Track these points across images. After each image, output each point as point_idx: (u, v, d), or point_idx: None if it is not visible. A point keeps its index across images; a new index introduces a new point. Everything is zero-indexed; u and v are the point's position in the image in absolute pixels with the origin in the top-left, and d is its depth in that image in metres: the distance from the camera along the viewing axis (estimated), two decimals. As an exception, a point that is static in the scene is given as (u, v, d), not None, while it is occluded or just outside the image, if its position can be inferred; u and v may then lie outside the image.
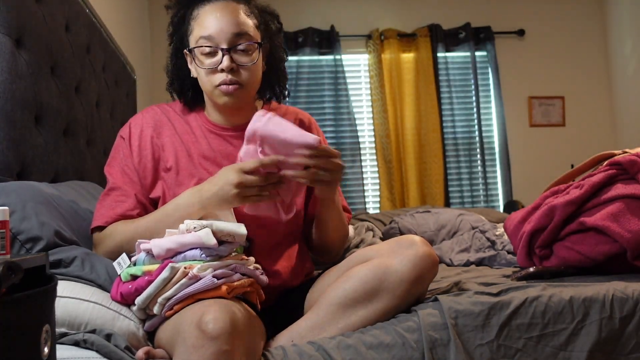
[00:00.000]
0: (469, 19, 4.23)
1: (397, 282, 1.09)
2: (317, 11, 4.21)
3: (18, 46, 1.33)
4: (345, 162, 4.06)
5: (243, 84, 1.20)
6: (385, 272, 1.10)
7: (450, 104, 4.18)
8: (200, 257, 1.05)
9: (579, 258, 1.47)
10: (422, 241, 1.14)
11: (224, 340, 0.84)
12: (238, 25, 1.18)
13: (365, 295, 1.10)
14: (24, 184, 1.19)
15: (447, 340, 1.08)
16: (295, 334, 1.10)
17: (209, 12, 1.19)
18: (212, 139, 1.27)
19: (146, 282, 1.03)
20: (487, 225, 2.44)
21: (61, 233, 1.12)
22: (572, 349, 1.12)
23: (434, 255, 1.13)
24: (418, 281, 1.11)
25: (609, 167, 1.53)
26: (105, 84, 2.09)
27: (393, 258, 1.11)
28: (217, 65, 1.18)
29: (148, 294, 1.02)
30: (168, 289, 1.02)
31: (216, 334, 0.84)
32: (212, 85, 1.20)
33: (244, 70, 1.20)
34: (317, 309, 1.12)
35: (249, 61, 1.20)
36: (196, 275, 1.01)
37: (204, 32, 1.18)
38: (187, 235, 1.05)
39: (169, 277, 1.01)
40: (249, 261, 1.13)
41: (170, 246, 1.05)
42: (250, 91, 1.25)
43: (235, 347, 0.86)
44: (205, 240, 1.04)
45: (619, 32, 4.23)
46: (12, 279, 0.65)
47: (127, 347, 0.97)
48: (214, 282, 1.01)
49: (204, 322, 0.86)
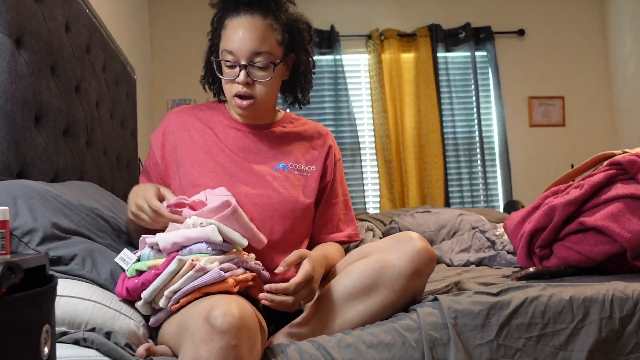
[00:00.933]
0: (469, 19, 4.23)
1: (395, 276, 1.10)
2: (317, 11, 4.21)
3: (18, 46, 1.33)
4: (345, 162, 4.07)
5: (256, 98, 1.28)
6: (383, 267, 1.11)
7: (450, 104, 4.18)
8: (206, 251, 1.06)
9: (578, 258, 1.48)
10: (419, 237, 1.15)
11: (233, 335, 0.85)
12: (258, 43, 1.25)
13: (364, 290, 1.11)
14: (14, 182, 1.18)
15: (447, 340, 1.08)
16: (295, 329, 1.11)
17: (235, 26, 1.26)
18: (231, 133, 1.35)
19: (153, 275, 1.03)
20: (487, 225, 2.44)
21: (58, 224, 1.12)
22: (572, 349, 1.12)
23: (431, 251, 1.14)
24: (415, 275, 1.12)
25: (609, 167, 1.53)
26: (105, 84, 2.09)
27: (391, 253, 1.13)
28: (235, 78, 1.26)
29: (155, 287, 1.03)
30: (175, 281, 1.02)
31: (225, 328, 0.85)
32: (230, 93, 1.30)
33: (259, 85, 1.27)
34: (317, 306, 1.14)
35: (264, 77, 1.27)
36: (203, 268, 1.02)
37: (228, 45, 1.26)
38: (193, 229, 1.07)
39: (176, 269, 1.02)
40: (250, 257, 1.16)
41: (177, 240, 1.06)
42: (264, 104, 1.32)
43: (242, 341, 0.87)
44: (212, 236, 1.06)
45: (618, 32, 4.23)
46: (12, 279, 0.65)
47: (128, 344, 0.98)
48: (221, 275, 1.02)
49: (213, 317, 0.86)
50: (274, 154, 1.34)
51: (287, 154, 1.35)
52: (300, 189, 1.32)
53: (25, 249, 1.06)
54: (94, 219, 1.26)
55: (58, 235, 1.10)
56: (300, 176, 1.34)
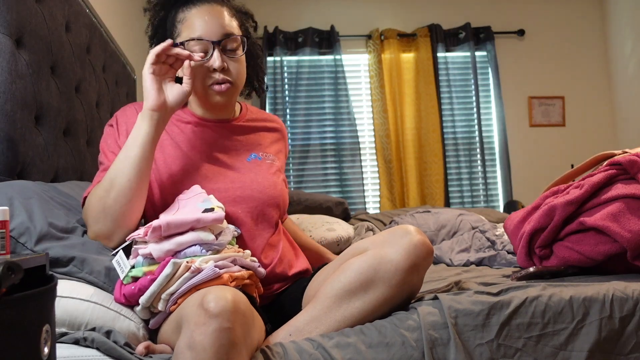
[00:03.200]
0: (469, 19, 4.23)
1: (392, 271, 1.09)
2: (317, 11, 4.21)
3: (18, 46, 1.33)
4: (345, 162, 4.07)
5: (233, 82, 1.30)
6: (380, 262, 1.10)
7: (450, 104, 4.18)
8: (200, 253, 1.06)
9: (579, 258, 1.47)
10: (416, 230, 1.14)
11: (226, 318, 0.86)
12: (225, 26, 1.28)
13: (361, 286, 1.10)
14: (10, 182, 1.18)
15: (447, 340, 1.08)
16: (293, 328, 1.11)
17: (197, 15, 1.27)
18: (198, 129, 1.35)
19: (149, 281, 1.03)
20: (487, 225, 2.44)
21: (55, 224, 1.11)
22: (572, 349, 1.12)
23: (428, 244, 1.13)
24: (413, 270, 1.11)
25: (609, 167, 1.53)
26: (105, 84, 2.09)
27: (387, 247, 1.11)
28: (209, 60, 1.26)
29: (152, 292, 1.03)
30: (171, 284, 1.03)
31: (217, 311, 0.86)
32: (205, 85, 1.29)
33: (233, 68, 1.29)
34: (315, 303, 1.13)
35: (238, 53, 1.30)
36: (198, 268, 1.02)
37: (194, 33, 1.26)
38: (185, 235, 1.06)
39: (171, 273, 1.02)
40: (245, 254, 1.15)
41: (170, 247, 1.06)
42: (239, 87, 1.34)
43: (236, 325, 0.87)
44: (204, 237, 1.06)
45: (619, 32, 4.23)
46: (12, 279, 0.65)
47: (127, 343, 0.98)
48: (215, 272, 1.03)
49: (206, 302, 0.87)
50: (244, 145, 1.38)
51: (255, 144, 1.40)
52: (276, 175, 1.38)
53: (23, 249, 1.06)
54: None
55: (55, 235, 1.10)
56: (271, 164, 1.39)
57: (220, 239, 1.10)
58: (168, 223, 1.05)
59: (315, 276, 1.29)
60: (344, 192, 4.00)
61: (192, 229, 1.08)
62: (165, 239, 1.07)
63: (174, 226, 1.06)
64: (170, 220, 1.06)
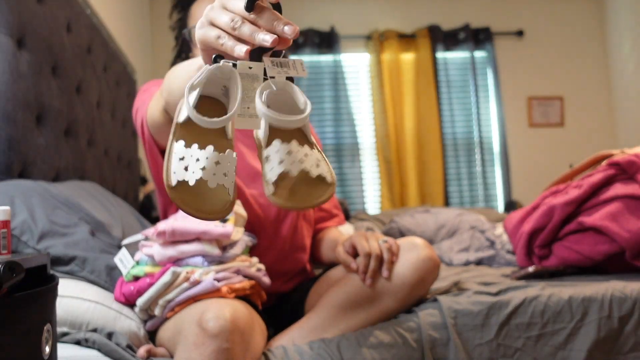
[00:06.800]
0: (469, 20, 4.24)
1: (399, 285, 1.10)
2: (317, 12, 4.21)
3: (19, 46, 1.33)
4: (345, 162, 4.07)
5: None
6: (386, 276, 1.10)
7: (450, 104, 4.18)
8: (202, 265, 1.05)
9: (578, 258, 1.48)
10: (424, 243, 1.14)
11: (224, 338, 0.85)
12: None
13: (367, 299, 1.10)
14: (11, 182, 1.19)
15: (447, 340, 1.09)
16: (296, 334, 1.10)
17: (200, 5, 1.28)
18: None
19: (147, 284, 1.03)
20: (487, 225, 2.44)
21: (56, 221, 1.12)
22: (571, 348, 1.12)
23: (435, 258, 1.13)
24: (420, 284, 1.11)
25: (607, 167, 1.54)
26: (106, 84, 2.10)
27: (395, 261, 1.11)
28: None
29: (149, 297, 1.03)
30: (169, 292, 1.02)
31: (216, 331, 0.85)
32: None
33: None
34: (319, 311, 1.13)
35: None
36: (197, 280, 1.01)
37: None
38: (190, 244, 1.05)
39: (170, 281, 1.01)
40: (252, 262, 1.13)
41: (172, 254, 1.05)
42: None
43: (235, 345, 0.87)
44: (208, 250, 1.04)
45: (618, 32, 4.24)
46: (13, 279, 0.65)
47: (129, 345, 0.98)
48: (214, 285, 1.01)
49: (205, 320, 0.86)
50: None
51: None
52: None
53: (25, 247, 1.06)
54: (93, 218, 1.26)
55: (57, 232, 1.10)
56: None
57: (227, 253, 1.08)
58: (174, 230, 1.04)
59: (318, 281, 1.28)
60: (343, 192, 4.00)
61: (198, 239, 1.06)
62: (170, 244, 1.06)
63: (179, 234, 1.05)
64: (176, 228, 1.04)
